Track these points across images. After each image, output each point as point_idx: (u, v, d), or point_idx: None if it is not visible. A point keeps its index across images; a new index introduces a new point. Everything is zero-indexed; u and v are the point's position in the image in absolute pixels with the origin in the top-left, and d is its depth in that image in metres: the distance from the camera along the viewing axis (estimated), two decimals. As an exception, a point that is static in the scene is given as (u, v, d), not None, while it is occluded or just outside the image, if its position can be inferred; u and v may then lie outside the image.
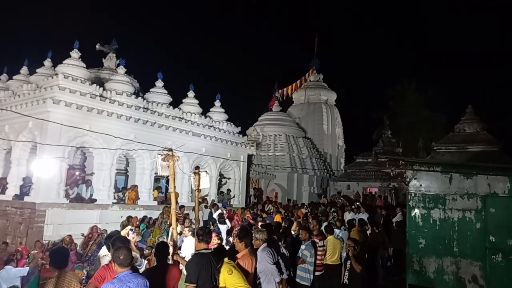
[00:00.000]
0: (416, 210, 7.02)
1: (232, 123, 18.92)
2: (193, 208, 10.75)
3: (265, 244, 5.21)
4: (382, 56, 60.76)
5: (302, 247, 6.66)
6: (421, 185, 7.04)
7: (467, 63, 55.22)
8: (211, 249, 4.74)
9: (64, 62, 13.11)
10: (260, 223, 8.88)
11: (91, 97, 12.63)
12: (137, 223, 11.15)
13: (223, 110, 18.97)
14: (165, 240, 7.26)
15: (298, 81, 34.19)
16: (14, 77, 15.50)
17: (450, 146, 18.21)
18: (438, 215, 6.81)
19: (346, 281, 6.55)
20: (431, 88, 29.77)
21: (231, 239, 9.51)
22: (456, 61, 56.43)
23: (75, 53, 13.29)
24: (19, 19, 48.82)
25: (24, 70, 15.62)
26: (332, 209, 14.25)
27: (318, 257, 6.78)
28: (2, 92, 14.60)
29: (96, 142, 12.38)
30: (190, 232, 7.61)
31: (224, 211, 12.78)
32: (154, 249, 6.24)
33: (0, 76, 16.21)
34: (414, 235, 6.99)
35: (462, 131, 18.67)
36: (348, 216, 12.34)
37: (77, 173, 13.07)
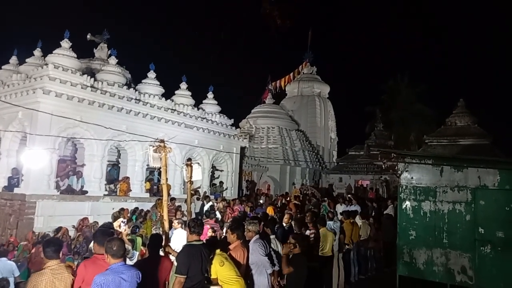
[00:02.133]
0: (407, 203, 7.08)
1: (225, 115, 18.86)
2: (185, 200, 10.74)
3: (257, 236, 5.22)
4: (376, 50, 60.88)
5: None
6: (412, 178, 7.08)
7: (459, 57, 55.58)
8: (202, 241, 4.74)
9: (54, 52, 12.91)
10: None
11: (82, 88, 12.48)
12: (129, 215, 11.10)
13: (216, 102, 18.88)
14: (160, 232, 7.25)
15: (291, 74, 34.10)
16: (3, 67, 15.22)
17: (441, 139, 18.36)
18: (429, 207, 6.87)
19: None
20: (423, 82, 30.00)
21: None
22: (447, 55, 56.70)
23: (65, 43, 13.08)
24: (8, 9, 47.88)
25: (13, 60, 15.34)
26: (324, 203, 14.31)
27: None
28: (-10, 81, 14.35)
29: (87, 133, 12.26)
30: (180, 224, 7.60)
31: (215, 203, 12.78)
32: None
33: (-11, 66, 15.93)
34: (405, 227, 7.05)
35: (453, 125, 18.82)
36: (339, 208, 12.41)
37: (69, 165, 12.96)
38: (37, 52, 14.68)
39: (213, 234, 7.39)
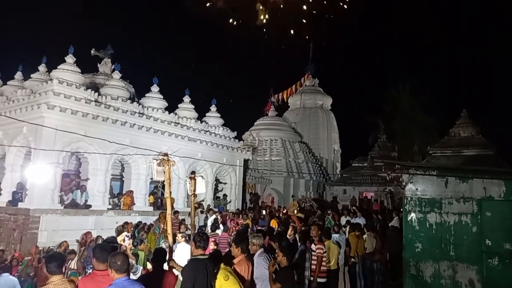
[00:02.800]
0: (412, 214, 7.02)
1: (228, 128, 18.91)
2: (189, 214, 10.71)
3: (261, 250, 5.18)
4: (377, 61, 61.15)
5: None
6: (417, 189, 7.04)
7: (461, 67, 55.70)
8: (207, 255, 4.71)
9: (59, 67, 13.06)
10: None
11: (86, 102, 12.58)
12: (132, 229, 11.02)
13: (219, 115, 18.96)
14: (165, 246, 7.20)
15: (294, 86, 34.27)
16: (8, 83, 15.41)
17: (445, 150, 18.27)
18: (435, 219, 6.80)
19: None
20: (425, 92, 29.98)
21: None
22: (449, 64, 56.87)
23: (70, 58, 13.25)
24: (14, 25, 48.69)
25: (18, 75, 15.54)
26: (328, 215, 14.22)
27: (314, 263, 6.72)
28: (-4, 97, 14.50)
29: (91, 147, 12.31)
30: (183, 238, 7.56)
31: (219, 216, 12.72)
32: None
33: (-6, 82, 16.12)
34: (411, 239, 6.98)
35: (457, 135, 18.75)
36: (344, 220, 12.33)
37: (73, 179, 12.99)
38: (42, 67, 14.87)
39: (215, 247, 7.34)
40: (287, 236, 7.85)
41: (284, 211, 15.23)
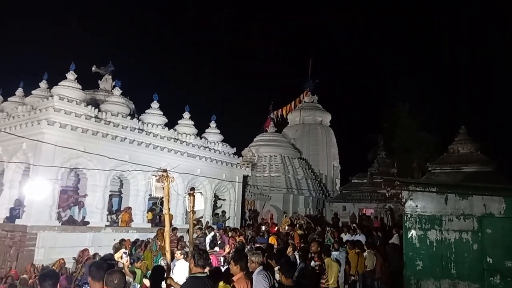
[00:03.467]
0: (413, 231, 6.98)
1: (227, 144, 18.92)
2: (187, 230, 10.61)
3: (260, 267, 5.13)
4: (376, 78, 61.68)
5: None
6: (417, 206, 7.01)
7: (460, 84, 56.16)
8: (206, 272, 4.65)
9: (60, 83, 13.15)
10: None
11: (86, 118, 12.62)
12: (130, 247, 10.86)
13: (218, 131, 19.00)
14: (163, 263, 7.11)
15: (293, 102, 34.49)
16: (9, 99, 15.49)
17: (444, 167, 18.27)
18: (435, 236, 6.76)
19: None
20: (424, 108, 30.14)
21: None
22: (448, 82, 57.37)
23: (71, 75, 13.35)
24: (16, 41, 49.23)
25: (19, 91, 15.63)
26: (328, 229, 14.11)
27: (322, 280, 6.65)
28: (-4, 113, 14.56)
29: (90, 163, 12.28)
30: (182, 255, 7.48)
31: (218, 233, 12.60)
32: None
33: (-5, 98, 16.20)
34: (411, 257, 6.92)
35: (456, 152, 18.79)
36: (344, 238, 12.23)
37: (71, 195, 12.92)
38: (43, 84, 14.96)
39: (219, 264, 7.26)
40: (287, 254, 7.77)
41: (275, 228, 15.04)
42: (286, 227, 15.21)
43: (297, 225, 16.13)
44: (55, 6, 57.60)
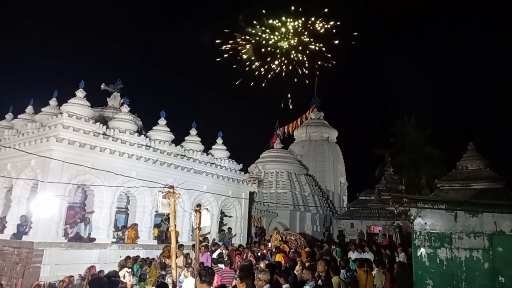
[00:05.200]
0: (422, 249, 6.85)
1: (233, 160, 18.94)
2: (193, 246, 10.53)
3: (267, 285, 5.06)
4: (382, 93, 61.78)
5: (307, 287, 6.45)
6: (426, 223, 6.91)
7: (467, 99, 55.96)
8: (212, 290, 4.60)
9: (69, 101, 13.36)
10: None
11: (94, 135, 12.76)
12: (131, 263, 10.56)
13: (224, 148, 19.05)
14: (170, 281, 7.05)
15: (299, 119, 34.59)
16: (19, 116, 15.74)
17: (453, 184, 18.09)
18: (445, 254, 6.63)
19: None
20: (431, 124, 30.06)
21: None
22: (455, 97, 57.24)
23: (80, 93, 13.57)
24: (27, 60, 50.28)
25: (29, 109, 15.88)
26: (337, 249, 13.93)
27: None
28: (6, 130, 14.77)
29: (97, 180, 12.35)
30: (190, 272, 7.42)
31: (224, 251, 12.48)
32: None
33: (6, 115, 16.46)
34: (421, 276, 6.77)
35: (464, 168, 18.61)
36: (352, 255, 12.05)
37: (77, 211, 12.94)
38: (53, 101, 15.21)
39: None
40: (295, 272, 7.67)
41: (264, 249, 14.49)
42: (276, 244, 14.75)
43: (279, 241, 15.81)
44: (64, 25, 58.97)
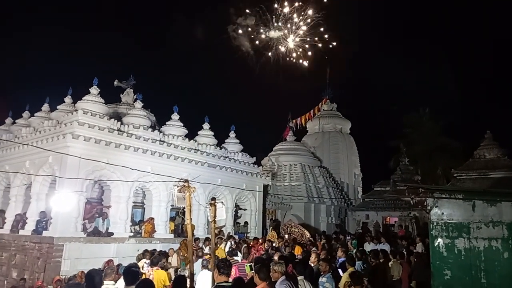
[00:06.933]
0: (439, 240, 6.77)
1: (247, 154, 18.97)
2: (205, 239, 10.60)
3: (283, 277, 5.08)
4: (396, 84, 60.85)
5: (323, 279, 6.45)
6: (443, 213, 6.82)
7: (483, 87, 54.73)
8: (231, 282, 4.65)
9: (83, 98, 13.55)
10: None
11: (109, 131, 12.92)
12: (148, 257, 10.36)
13: (237, 141, 19.09)
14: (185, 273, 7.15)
15: (312, 111, 34.35)
16: (35, 114, 16.02)
17: (470, 173, 17.79)
18: (463, 244, 6.54)
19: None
20: (446, 113, 29.54)
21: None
22: (471, 85, 56.03)
23: (94, 90, 13.73)
24: (42, 59, 51.10)
25: (45, 107, 16.15)
26: (353, 241, 13.88)
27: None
28: (24, 128, 15.07)
29: (113, 175, 12.53)
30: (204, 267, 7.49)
31: (233, 243, 12.53)
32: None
33: (23, 114, 16.80)
34: (439, 266, 6.71)
35: (482, 157, 18.26)
36: (368, 247, 12.00)
37: (94, 206, 13.17)
38: (68, 99, 15.44)
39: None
40: (311, 263, 7.68)
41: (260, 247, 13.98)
42: (274, 240, 14.01)
43: (288, 235, 15.55)
44: (76, 22, 59.62)
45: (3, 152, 14.19)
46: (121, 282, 6.80)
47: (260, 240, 13.32)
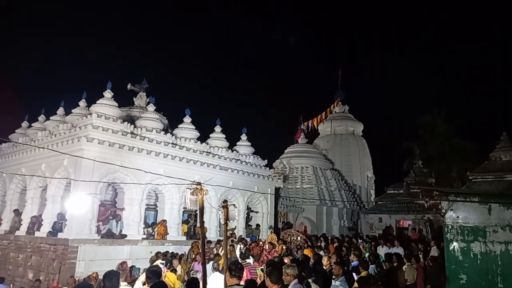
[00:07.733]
0: (455, 244, 6.66)
1: (258, 156, 18.97)
2: (217, 241, 10.62)
3: (296, 280, 5.06)
4: (409, 85, 60.23)
5: (336, 283, 6.40)
6: (458, 217, 6.71)
7: (497, 88, 53.83)
8: (243, 284, 4.65)
9: (97, 102, 13.74)
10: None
11: (122, 135, 13.07)
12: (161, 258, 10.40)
13: (249, 144, 19.10)
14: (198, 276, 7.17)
15: (324, 113, 34.21)
16: (51, 118, 16.30)
17: (486, 175, 17.48)
18: (479, 248, 6.42)
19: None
20: (460, 115, 29.08)
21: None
22: (485, 86, 55.15)
23: (107, 93, 13.92)
24: (57, 64, 52.02)
25: (60, 110, 16.42)
26: (367, 244, 13.75)
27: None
28: (39, 132, 15.34)
29: (127, 178, 12.67)
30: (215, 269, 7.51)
31: (243, 245, 12.50)
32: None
33: (38, 117, 17.11)
34: (454, 270, 6.59)
35: (498, 159, 17.95)
36: (381, 250, 11.87)
37: (108, 208, 13.33)
38: (82, 102, 15.67)
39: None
40: (323, 266, 7.63)
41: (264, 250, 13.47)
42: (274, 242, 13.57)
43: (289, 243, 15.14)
44: (89, 29, 60.58)
45: (19, 155, 14.46)
46: (138, 283, 6.88)
47: (260, 242, 13.23)
